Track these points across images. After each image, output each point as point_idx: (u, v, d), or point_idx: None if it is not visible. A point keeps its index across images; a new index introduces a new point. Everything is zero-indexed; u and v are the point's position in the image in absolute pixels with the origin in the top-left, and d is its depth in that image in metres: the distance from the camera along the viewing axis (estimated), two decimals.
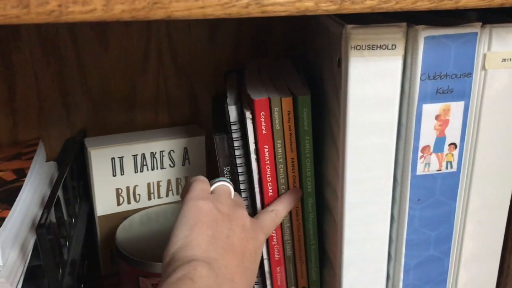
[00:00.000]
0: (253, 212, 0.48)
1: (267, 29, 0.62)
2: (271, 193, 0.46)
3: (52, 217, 0.44)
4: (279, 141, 0.45)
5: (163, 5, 0.27)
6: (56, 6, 0.26)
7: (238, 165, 0.47)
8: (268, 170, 0.46)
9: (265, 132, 0.44)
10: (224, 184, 0.43)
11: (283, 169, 0.46)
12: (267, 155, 0.45)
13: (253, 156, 0.46)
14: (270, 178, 0.46)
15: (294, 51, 0.63)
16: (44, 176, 0.54)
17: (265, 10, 0.28)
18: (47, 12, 0.26)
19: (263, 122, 0.44)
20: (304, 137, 0.44)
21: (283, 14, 0.29)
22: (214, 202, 0.39)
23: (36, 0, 0.25)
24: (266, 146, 0.45)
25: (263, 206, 0.47)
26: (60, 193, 0.47)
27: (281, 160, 0.45)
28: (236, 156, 0.47)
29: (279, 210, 0.44)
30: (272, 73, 0.52)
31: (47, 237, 0.39)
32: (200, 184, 0.41)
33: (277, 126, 0.44)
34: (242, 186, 0.48)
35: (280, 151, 0.45)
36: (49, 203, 0.43)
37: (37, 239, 0.39)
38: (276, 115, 0.44)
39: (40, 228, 0.39)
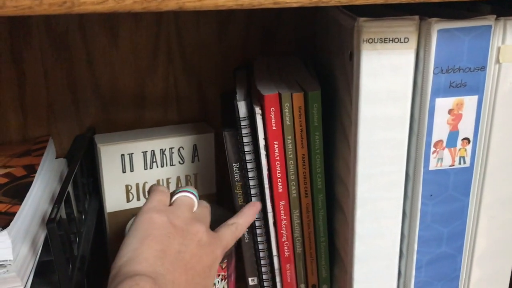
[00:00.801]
0: (263, 210, 0.48)
1: (276, 26, 0.62)
2: (281, 189, 0.46)
3: (62, 213, 0.44)
4: (289, 137, 0.44)
5: None
6: None
7: (247, 161, 0.47)
8: (278, 166, 0.45)
9: (275, 128, 0.44)
10: (186, 195, 0.41)
11: (293, 165, 0.45)
12: (277, 151, 0.45)
13: (262, 152, 0.45)
14: (280, 174, 0.46)
15: (303, 47, 0.63)
16: (54, 173, 0.54)
17: (277, 1, 0.28)
18: (59, 3, 0.26)
19: (273, 118, 0.44)
20: (314, 133, 0.44)
21: (295, 5, 0.28)
22: (170, 215, 0.38)
23: None
24: (276, 142, 0.45)
25: (273, 202, 0.47)
26: (70, 189, 0.47)
27: (291, 156, 0.45)
28: (246, 152, 0.47)
29: (240, 223, 0.43)
30: (281, 69, 0.52)
31: (57, 232, 0.39)
32: (158, 195, 0.40)
33: (288, 122, 0.44)
34: (251, 183, 0.47)
35: (291, 147, 0.45)
36: (59, 199, 0.43)
37: (48, 234, 0.39)
38: (286, 110, 0.43)
39: (51, 223, 0.39)
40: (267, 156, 0.45)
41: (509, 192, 0.41)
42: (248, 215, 0.44)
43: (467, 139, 0.38)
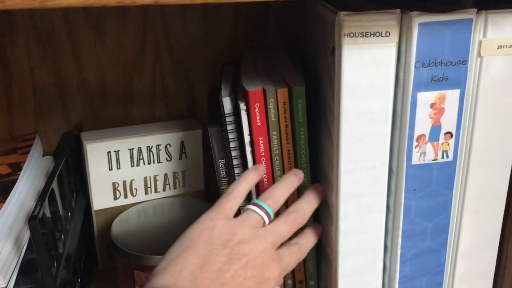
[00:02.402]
0: None
1: (264, 21, 0.61)
2: (267, 186, 0.46)
3: (47, 211, 0.44)
4: (275, 133, 0.44)
5: None
6: None
7: (233, 157, 0.47)
8: (263, 162, 0.45)
9: (259, 124, 0.44)
10: (255, 211, 0.39)
11: (279, 161, 0.45)
12: (262, 147, 0.45)
13: (248, 148, 0.45)
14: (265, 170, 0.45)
15: (291, 42, 0.63)
16: (41, 170, 0.54)
17: None
18: None
19: (257, 114, 0.44)
20: (299, 129, 0.44)
21: None
22: (225, 231, 0.36)
23: None
24: (261, 138, 0.44)
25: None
26: (55, 187, 0.47)
27: (276, 152, 0.45)
28: (231, 149, 0.46)
29: (303, 244, 0.41)
30: (268, 65, 0.51)
31: (40, 230, 0.39)
32: (227, 203, 0.39)
33: (273, 118, 0.44)
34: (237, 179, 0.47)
35: (276, 142, 0.45)
36: (42, 196, 0.42)
37: (30, 232, 0.39)
38: (271, 106, 0.43)
39: (33, 220, 0.39)
40: (253, 152, 0.45)
41: (493, 186, 0.41)
42: (311, 236, 0.43)
43: (449, 133, 0.38)
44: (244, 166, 0.47)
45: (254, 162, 0.45)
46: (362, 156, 0.39)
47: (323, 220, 0.47)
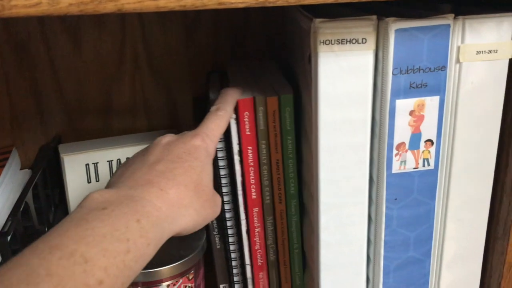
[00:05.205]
0: (236, 217, 0.47)
1: (245, 29, 0.61)
2: (255, 196, 0.45)
3: (20, 227, 0.43)
4: (264, 142, 0.43)
5: None
6: None
7: (220, 167, 0.46)
8: (251, 172, 0.44)
9: (249, 133, 0.43)
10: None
11: (267, 170, 0.44)
12: (251, 156, 0.44)
13: (236, 158, 0.44)
14: (253, 180, 0.44)
15: (274, 50, 0.62)
16: (17, 184, 0.53)
17: (221, 1, 0.27)
18: None
19: (247, 123, 0.43)
20: (286, 137, 0.43)
21: (241, 6, 0.27)
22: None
23: None
24: (250, 147, 0.43)
25: (246, 210, 0.45)
26: (30, 201, 0.46)
27: (265, 161, 0.44)
28: (218, 159, 0.45)
29: (221, 105, 0.41)
30: (255, 73, 0.51)
31: (8, 246, 0.38)
32: None
33: (262, 126, 0.43)
34: (224, 190, 0.46)
35: (265, 152, 0.44)
36: (14, 211, 0.41)
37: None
38: (260, 114, 0.42)
39: (2, 237, 0.37)
40: (241, 162, 0.44)
41: (476, 193, 0.40)
42: (226, 94, 0.42)
43: (430, 140, 0.38)
44: (231, 176, 0.46)
45: (243, 172, 0.44)
46: (341, 166, 0.38)
47: (305, 231, 0.46)
